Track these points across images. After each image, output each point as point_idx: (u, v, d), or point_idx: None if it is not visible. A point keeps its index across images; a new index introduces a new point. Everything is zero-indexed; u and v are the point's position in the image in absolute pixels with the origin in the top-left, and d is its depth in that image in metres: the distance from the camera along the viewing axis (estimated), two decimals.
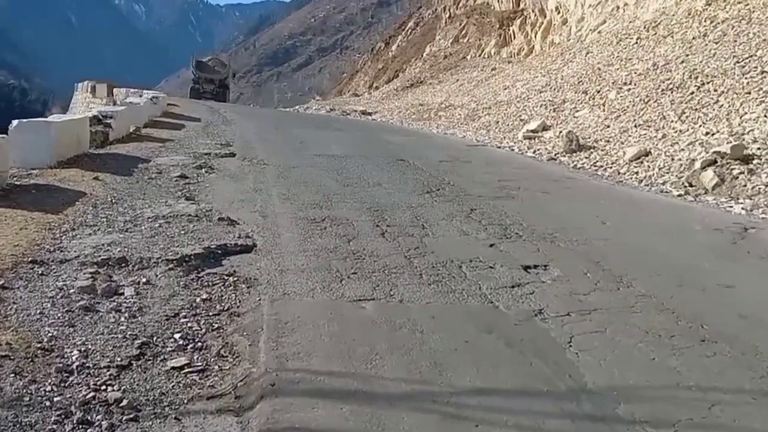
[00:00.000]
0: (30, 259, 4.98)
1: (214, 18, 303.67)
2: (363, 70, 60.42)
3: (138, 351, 3.68)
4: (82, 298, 4.34)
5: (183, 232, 6.15)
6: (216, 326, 4.13)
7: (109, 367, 3.46)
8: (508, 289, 4.90)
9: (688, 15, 18.48)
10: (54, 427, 2.90)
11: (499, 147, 15.38)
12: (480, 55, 35.32)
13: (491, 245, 6.14)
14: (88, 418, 2.99)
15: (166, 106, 21.75)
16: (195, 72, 45.46)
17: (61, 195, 7.37)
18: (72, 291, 4.44)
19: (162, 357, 3.65)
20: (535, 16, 31.86)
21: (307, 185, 8.75)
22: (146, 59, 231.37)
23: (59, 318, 4.01)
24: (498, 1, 37.27)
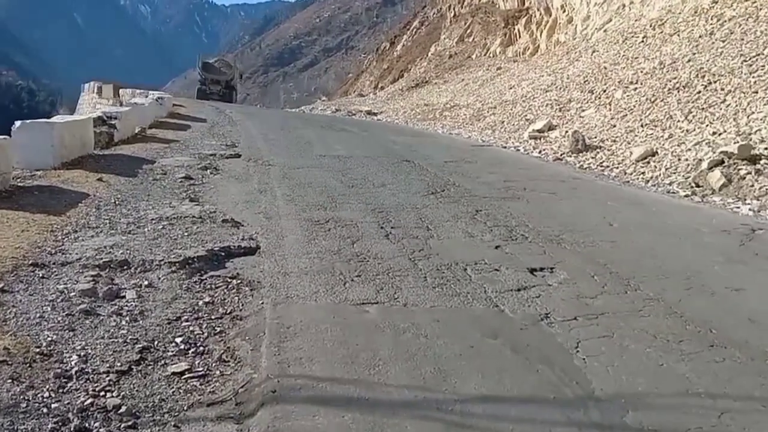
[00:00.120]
0: (31, 261, 4.95)
1: (219, 18, 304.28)
2: (368, 70, 60.41)
3: (138, 356, 3.63)
4: (83, 302, 4.30)
5: (186, 233, 6.10)
6: (218, 330, 4.08)
7: (108, 373, 3.41)
8: (514, 292, 4.84)
9: (695, 13, 18.34)
10: None
11: (505, 147, 15.30)
12: (485, 55, 35.22)
13: (497, 247, 6.07)
14: (86, 425, 2.95)
15: (171, 106, 21.72)
16: (201, 73, 45.62)
17: (64, 196, 7.34)
18: (73, 294, 4.40)
19: (163, 362, 3.61)
20: (540, 14, 31.75)
21: (311, 186, 8.70)
22: (153, 60, 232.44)
23: (59, 322, 3.97)
24: (503, 0, 37.17)
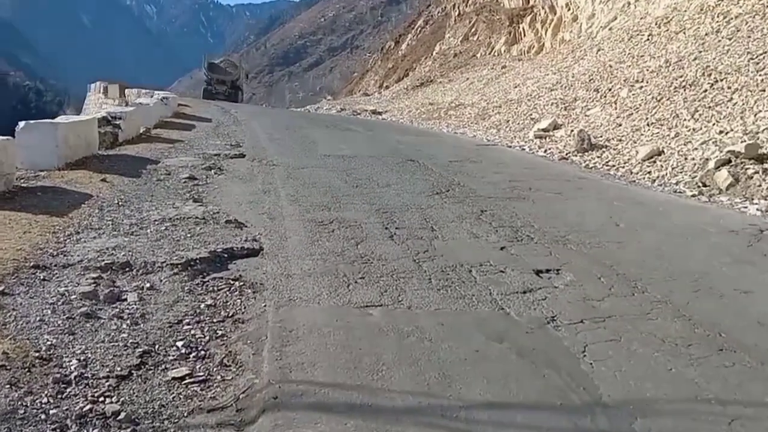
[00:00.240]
0: (32, 263, 4.91)
1: (224, 18, 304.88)
2: (373, 70, 60.35)
3: (139, 360, 3.58)
4: (84, 305, 4.25)
5: (189, 235, 6.06)
6: (220, 333, 4.03)
7: (108, 378, 3.37)
8: (520, 294, 4.78)
9: (701, 11, 18.20)
10: None
11: (510, 146, 15.22)
12: (490, 53, 35.12)
13: (502, 248, 6.01)
14: None
15: (176, 106, 21.71)
16: (207, 73, 45.85)
17: (67, 197, 7.31)
18: (73, 297, 4.36)
19: (163, 366, 3.56)
20: (545, 13, 31.63)
21: (315, 186, 8.66)
22: (159, 59, 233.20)
23: (59, 325, 3.92)
24: None
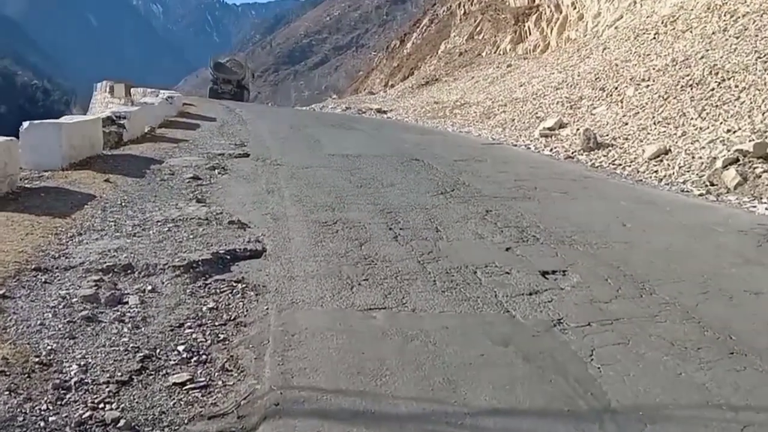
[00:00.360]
0: (34, 266, 4.87)
1: (230, 17, 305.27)
2: (378, 68, 60.29)
3: (139, 365, 3.54)
4: (85, 308, 4.21)
5: (192, 236, 6.02)
6: (222, 337, 3.98)
7: (108, 383, 3.32)
8: (526, 296, 4.71)
9: (707, 9, 18.06)
10: None
11: (515, 145, 15.14)
12: (495, 52, 34.98)
13: (507, 249, 5.95)
14: None
15: (181, 105, 21.69)
16: (213, 73, 46.21)
17: (71, 198, 7.28)
18: (75, 300, 4.32)
19: (164, 371, 3.51)
20: (550, 11, 31.48)
21: (320, 186, 8.61)
22: (165, 59, 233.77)
23: (60, 329, 3.88)
24: None
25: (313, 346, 3.75)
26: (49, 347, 3.64)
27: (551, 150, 13.97)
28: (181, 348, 3.78)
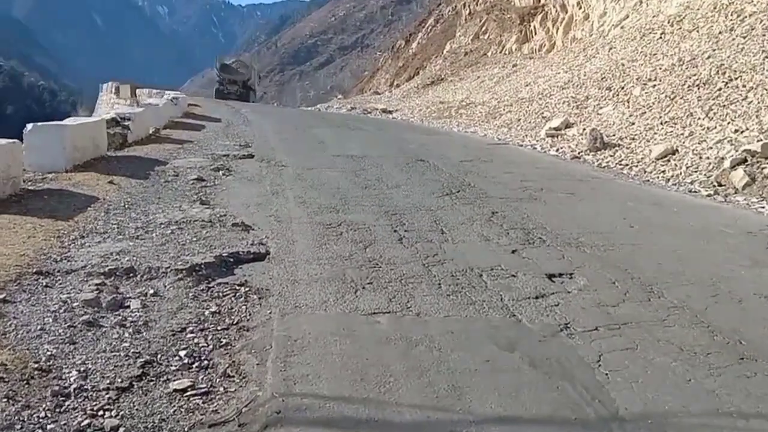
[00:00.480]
0: (35, 269, 4.83)
1: (236, 18, 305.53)
2: (384, 68, 60.18)
3: (140, 371, 3.49)
4: (86, 312, 4.17)
5: (195, 239, 5.97)
6: (224, 342, 3.93)
7: (108, 390, 3.27)
8: (532, 300, 4.65)
9: (714, 9, 17.93)
10: None
11: (521, 145, 15.06)
12: (501, 52, 34.86)
13: (513, 251, 5.88)
14: None
15: (186, 106, 21.69)
16: (219, 74, 46.44)
17: (74, 200, 7.25)
18: (76, 304, 4.28)
19: (165, 377, 3.46)
20: (556, 11, 31.37)
21: (324, 187, 8.56)
22: (171, 59, 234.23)
23: (60, 334, 3.83)
24: None
25: (315, 352, 3.70)
26: (49, 353, 3.59)
27: (557, 150, 13.89)
28: (182, 353, 3.73)
